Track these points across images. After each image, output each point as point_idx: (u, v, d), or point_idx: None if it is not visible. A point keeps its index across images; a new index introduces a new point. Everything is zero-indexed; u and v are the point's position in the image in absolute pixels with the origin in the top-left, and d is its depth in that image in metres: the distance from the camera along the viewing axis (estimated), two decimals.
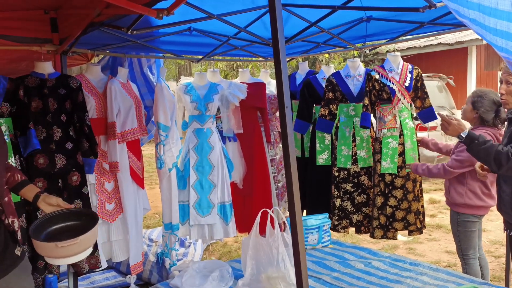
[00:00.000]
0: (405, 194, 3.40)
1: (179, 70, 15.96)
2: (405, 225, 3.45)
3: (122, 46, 3.23)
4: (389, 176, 3.41)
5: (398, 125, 3.38)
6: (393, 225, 3.45)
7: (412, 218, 3.42)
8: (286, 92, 1.52)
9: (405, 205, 3.42)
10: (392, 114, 3.39)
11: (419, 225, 3.46)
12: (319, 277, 2.61)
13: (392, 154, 3.39)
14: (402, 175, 3.39)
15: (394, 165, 3.37)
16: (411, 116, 3.43)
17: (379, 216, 3.46)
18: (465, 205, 2.89)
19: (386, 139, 3.40)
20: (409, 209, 3.41)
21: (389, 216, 3.44)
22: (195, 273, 2.57)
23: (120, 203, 3.03)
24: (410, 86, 3.39)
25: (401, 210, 3.42)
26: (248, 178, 3.74)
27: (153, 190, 7.15)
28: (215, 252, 4.64)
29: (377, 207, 3.46)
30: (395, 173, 3.37)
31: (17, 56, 2.95)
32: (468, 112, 2.88)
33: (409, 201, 3.41)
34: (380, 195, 3.44)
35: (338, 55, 10.80)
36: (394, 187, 3.40)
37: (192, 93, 3.47)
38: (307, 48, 3.97)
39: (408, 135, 3.38)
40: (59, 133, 2.69)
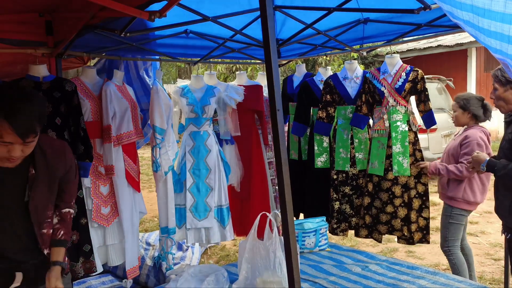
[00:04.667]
0: (391, 198, 3.34)
1: (179, 73, 15.96)
2: (389, 230, 3.39)
3: (118, 49, 3.21)
4: (376, 178, 3.40)
5: (387, 127, 3.35)
6: (377, 227, 3.42)
7: (397, 224, 3.33)
8: (278, 95, 1.51)
9: (390, 209, 3.35)
10: (380, 116, 3.39)
11: (406, 233, 3.30)
12: (316, 281, 2.58)
13: (380, 156, 3.37)
14: (389, 178, 3.33)
15: (381, 167, 3.35)
16: (406, 119, 3.32)
17: (364, 215, 3.47)
18: (462, 200, 3.10)
19: (375, 140, 3.42)
20: (395, 214, 3.33)
21: (374, 217, 3.43)
22: (190, 277, 2.55)
23: (116, 206, 3.01)
24: (401, 88, 3.31)
25: (385, 214, 3.37)
26: (246, 181, 3.72)
27: (152, 193, 7.12)
28: (213, 256, 4.61)
29: (363, 207, 3.47)
30: (381, 175, 3.35)
31: (12, 59, 2.94)
32: (461, 116, 3.18)
33: (395, 206, 3.33)
34: (367, 195, 3.45)
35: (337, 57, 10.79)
36: (380, 189, 3.38)
37: (189, 96, 3.46)
38: (304, 50, 3.96)
39: (398, 138, 3.30)
40: (53, 136, 2.67)
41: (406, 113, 3.33)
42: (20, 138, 1.47)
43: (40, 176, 1.67)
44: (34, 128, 1.49)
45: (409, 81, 3.31)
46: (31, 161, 1.64)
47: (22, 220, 1.67)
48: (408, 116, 3.33)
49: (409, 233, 3.29)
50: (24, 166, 1.64)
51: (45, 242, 1.74)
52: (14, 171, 1.62)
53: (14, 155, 1.51)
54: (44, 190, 1.69)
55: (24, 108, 1.47)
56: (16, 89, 1.54)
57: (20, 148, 1.51)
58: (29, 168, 1.65)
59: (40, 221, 1.71)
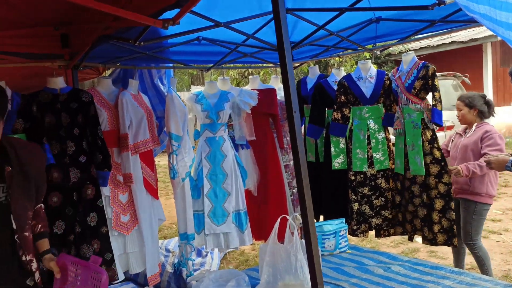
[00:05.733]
0: (411, 197, 3.36)
1: (192, 80, 16.08)
2: (413, 229, 3.39)
3: (132, 58, 3.25)
4: (400, 176, 3.46)
5: (403, 126, 3.37)
6: (405, 226, 3.46)
7: (418, 224, 3.32)
8: (294, 97, 1.50)
9: (411, 208, 3.37)
10: (397, 116, 3.43)
11: (427, 234, 3.24)
12: (337, 284, 2.56)
13: (400, 155, 3.41)
14: (408, 177, 3.37)
15: (402, 165, 3.40)
16: (420, 117, 3.26)
17: (397, 214, 3.52)
18: (486, 195, 3.17)
19: (396, 139, 3.48)
20: (415, 214, 3.33)
21: (403, 215, 3.48)
22: (211, 283, 2.55)
23: (135, 214, 3.03)
24: (411, 86, 3.29)
25: (408, 212, 3.42)
26: (263, 185, 3.71)
27: (169, 200, 7.17)
28: (233, 261, 4.61)
29: (393, 205, 3.52)
30: (402, 173, 3.40)
31: (30, 72, 3.00)
32: (467, 114, 3.28)
33: (415, 206, 3.32)
34: (397, 194, 3.52)
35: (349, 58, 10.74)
36: (404, 188, 3.43)
37: (203, 102, 3.48)
38: (316, 52, 3.95)
39: (412, 137, 3.27)
40: (72, 147, 2.71)
41: (420, 111, 3.28)
42: None
43: (15, 174, 1.64)
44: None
45: (419, 78, 3.26)
46: (5, 161, 1.63)
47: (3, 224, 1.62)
48: (423, 114, 3.28)
49: (431, 234, 3.23)
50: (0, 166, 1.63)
51: (27, 247, 1.67)
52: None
53: None
54: (21, 190, 1.67)
55: None
56: None
57: None
58: (4, 167, 1.63)
59: (22, 224, 1.66)
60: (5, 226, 1.63)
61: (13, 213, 1.62)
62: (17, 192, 1.64)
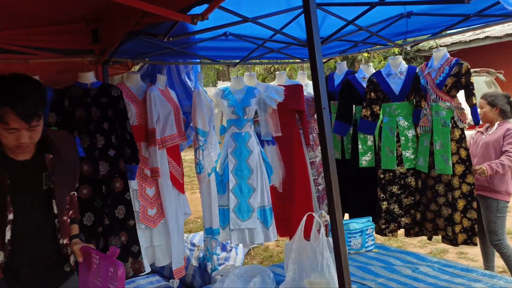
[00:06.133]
0: (434, 196, 3.28)
1: (218, 75, 16.16)
2: (434, 228, 3.32)
3: (160, 54, 3.28)
4: (423, 174, 3.38)
5: (430, 124, 3.28)
6: (424, 224, 3.39)
7: (441, 223, 3.25)
8: (323, 93, 1.48)
9: (434, 207, 3.30)
10: (424, 113, 3.34)
11: (450, 234, 3.18)
12: (364, 283, 2.52)
13: (425, 153, 3.32)
14: (432, 175, 3.29)
15: (425, 164, 3.32)
16: (450, 115, 3.18)
17: (415, 213, 3.45)
18: (505, 193, 3.18)
19: (421, 137, 3.39)
20: (438, 213, 3.26)
21: (422, 214, 3.40)
22: (236, 278, 2.55)
23: (161, 208, 3.07)
24: (442, 83, 3.19)
25: (430, 211, 3.35)
26: (288, 182, 3.69)
27: (194, 194, 7.24)
28: (257, 257, 4.61)
29: (413, 204, 3.45)
30: (426, 171, 3.32)
31: (61, 67, 3.07)
32: (489, 112, 3.29)
33: (438, 205, 3.25)
34: (416, 192, 3.44)
35: (378, 53, 10.55)
36: (426, 186, 3.35)
37: (230, 98, 3.48)
38: (344, 47, 3.88)
39: (440, 136, 3.20)
40: (102, 140, 2.76)
41: (451, 109, 3.20)
42: (25, 123, 1.51)
43: (56, 162, 1.70)
44: (37, 111, 1.54)
45: (451, 75, 3.17)
46: (45, 150, 1.69)
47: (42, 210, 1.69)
48: (453, 112, 3.19)
49: (453, 234, 3.19)
50: (40, 155, 1.69)
51: (65, 231, 1.75)
52: (32, 162, 1.67)
53: (23, 141, 1.55)
54: (61, 176, 1.73)
55: (24, 93, 1.52)
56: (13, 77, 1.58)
57: (27, 135, 1.55)
58: (45, 155, 1.69)
59: (62, 209, 1.73)
60: (48, 211, 1.70)
61: (55, 198, 1.70)
62: (58, 178, 1.71)
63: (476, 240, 3.19)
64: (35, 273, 1.69)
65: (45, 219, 1.70)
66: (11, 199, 1.60)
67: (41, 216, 1.69)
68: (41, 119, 1.58)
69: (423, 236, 3.50)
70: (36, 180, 1.68)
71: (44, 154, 1.69)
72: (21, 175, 1.65)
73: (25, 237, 1.66)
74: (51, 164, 1.69)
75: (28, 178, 1.67)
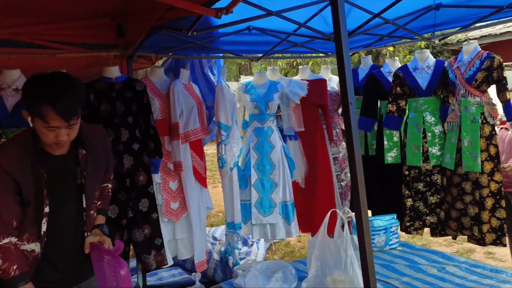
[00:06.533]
0: (460, 194, 3.18)
1: (240, 70, 16.15)
2: (459, 227, 3.22)
3: (184, 48, 3.28)
4: (448, 172, 3.27)
5: (458, 120, 3.16)
6: (448, 223, 3.28)
7: (467, 222, 3.14)
8: (350, 88, 1.44)
9: (460, 206, 3.20)
10: (452, 108, 3.23)
11: (476, 234, 3.09)
12: (388, 282, 2.47)
13: (452, 149, 3.21)
14: (459, 173, 3.18)
15: (452, 161, 3.22)
16: (480, 111, 3.08)
17: (439, 211, 3.35)
18: None
19: (449, 133, 3.28)
20: (464, 212, 3.16)
21: (446, 212, 3.29)
22: (258, 273, 2.55)
23: (184, 202, 3.09)
24: (472, 77, 3.09)
25: (455, 210, 3.24)
26: (310, 177, 3.66)
27: (216, 188, 7.28)
28: (278, 252, 4.60)
29: (438, 202, 3.35)
30: (452, 169, 3.21)
31: (87, 62, 3.11)
32: None
33: (464, 203, 3.15)
34: (441, 190, 3.34)
35: (403, 47, 10.33)
36: (452, 184, 3.25)
37: (252, 92, 3.46)
38: (370, 41, 3.80)
39: (468, 132, 3.09)
40: (126, 134, 2.79)
41: (480, 105, 3.09)
42: (65, 121, 1.54)
43: (89, 157, 1.74)
44: (76, 110, 1.56)
45: (482, 69, 3.06)
46: (79, 145, 1.72)
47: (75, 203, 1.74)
48: (483, 108, 3.09)
49: (480, 234, 3.08)
50: (74, 150, 1.72)
51: (90, 224, 1.79)
52: (67, 157, 1.71)
53: (62, 139, 1.58)
54: (93, 170, 1.76)
55: (65, 92, 1.54)
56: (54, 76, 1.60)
57: (66, 132, 1.58)
58: (79, 150, 1.72)
59: (90, 202, 1.77)
60: (81, 205, 1.75)
61: (85, 193, 1.74)
62: (90, 173, 1.75)
63: (506, 241, 3.06)
64: (71, 264, 1.75)
65: (78, 213, 1.75)
66: (47, 193, 1.64)
67: (75, 209, 1.74)
68: (79, 117, 1.61)
69: (448, 236, 3.41)
70: (72, 175, 1.72)
71: (78, 149, 1.73)
72: (57, 169, 1.69)
73: (60, 229, 1.71)
74: (84, 160, 1.73)
75: (64, 173, 1.71)
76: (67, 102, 1.53)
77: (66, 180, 1.72)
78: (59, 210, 1.69)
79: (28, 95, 1.56)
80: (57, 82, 1.56)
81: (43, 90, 1.53)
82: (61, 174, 1.70)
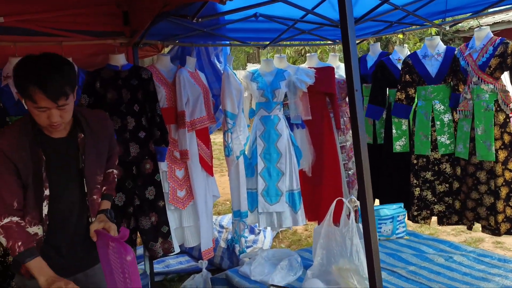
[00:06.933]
0: (475, 184, 3.13)
1: (248, 58, 16.08)
2: (476, 217, 3.17)
3: (190, 36, 3.26)
4: (463, 161, 3.22)
5: (471, 108, 3.10)
6: (465, 213, 3.24)
7: (482, 212, 3.10)
8: (356, 74, 1.41)
9: (475, 196, 3.14)
10: (464, 96, 3.16)
11: (493, 224, 3.04)
12: (394, 270, 2.46)
13: (465, 138, 3.16)
14: (473, 162, 3.13)
15: (465, 150, 3.16)
16: (494, 98, 3.02)
17: (454, 201, 3.30)
18: None
19: (461, 122, 3.21)
20: (480, 202, 3.11)
21: (462, 203, 3.24)
22: (264, 261, 2.56)
23: (191, 190, 3.09)
24: (485, 64, 3.02)
25: (471, 200, 3.18)
26: (318, 166, 3.64)
27: (224, 177, 7.29)
28: (285, 240, 4.61)
29: (453, 192, 3.29)
30: (466, 158, 3.16)
31: (93, 50, 3.11)
32: None
33: (480, 193, 3.10)
34: (455, 180, 3.28)
35: (413, 35, 10.17)
36: (467, 174, 3.19)
37: (259, 80, 3.43)
38: (378, 28, 3.73)
39: (482, 120, 3.03)
40: (132, 122, 2.79)
41: (494, 92, 3.03)
42: (52, 102, 1.53)
43: (88, 141, 1.73)
44: (64, 90, 1.54)
45: (495, 56, 2.99)
46: (78, 129, 1.72)
47: (77, 188, 1.73)
48: (497, 95, 3.03)
49: (495, 224, 3.04)
50: (74, 134, 1.72)
51: (93, 210, 1.77)
52: (67, 140, 1.70)
53: (54, 120, 1.57)
54: (93, 155, 1.75)
55: (52, 73, 1.53)
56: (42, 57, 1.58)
57: (58, 113, 1.57)
58: (78, 134, 1.72)
59: (91, 187, 1.76)
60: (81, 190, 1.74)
61: (85, 178, 1.73)
62: (89, 158, 1.74)
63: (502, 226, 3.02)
64: (75, 250, 1.74)
65: (80, 198, 1.74)
66: (47, 175, 1.64)
67: (76, 194, 1.73)
68: (69, 98, 1.59)
69: (456, 225, 3.38)
70: (72, 159, 1.71)
71: (77, 133, 1.72)
72: (57, 152, 1.68)
73: (62, 214, 1.70)
74: (82, 143, 1.72)
75: (64, 156, 1.70)
76: (54, 82, 1.52)
77: (67, 164, 1.71)
78: (60, 194, 1.69)
79: (16, 77, 1.56)
80: (44, 63, 1.55)
81: (30, 71, 1.52)
82: (61, 158, 1.70)
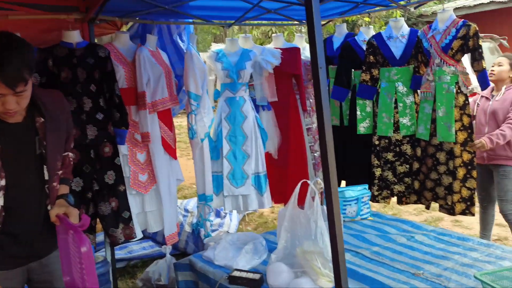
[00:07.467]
0: (435, 165, 3.21)
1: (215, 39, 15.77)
2: (434, 197, 3.27)
3: (151, 13, 3.11)
4: (423, 142, 3.28)
5: (433, 90, 3.14)
6: (423, 193, 3.33)
7: (441, 192, 3.19)
8: (320, 51, 1.36)
9: (434, 176, 3.23)
10: (426, 78, 3.20)
11: (449, 203, 3.14)
12: (358, 251, 2.48)
13: (426, 120, 3.21)
14: (434, 143, 3.20)
15: (427, 131, 3.22)
16: (455, 80, 3.06)
17: (413, 181, 3.38)
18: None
19: (422, 103, 3.27)
20: (439, 182, 3.20)
21: (421, 183, 3.32)
22: (228, 246, 2.51)
23: (153, 174, 2.99)
24: (448, 46, 3.05)
25: (430, 180, 3.27)
26: (284, 148, 3.61)
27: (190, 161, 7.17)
28: (251, 223, 4.60)
29: (412, 172, 3.37)
30: (427, 139, 3.23)
31: (46, 26, 2.90)
32: (506, 72, 3.19)
33: (439, 173, 3.19)
34: (415, 160, 3.35)
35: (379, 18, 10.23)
36: (427, 155, 3.27)
37: (224, 60, 3.34)
38: (345, 9, 3.70)
39: (443, 102, 3.08)
40: (89, 103, 2.65)
41: (455, 74, 3.07)
42: (10, 89, 1.41)
43: (48, 125, 1.62)
44: (23, 76, 1.42)
45: (458, 37, 3.02)
46: (36, 112, 1.61)
47: (36, 175, 1.63)
48: (457, 77, 3.07)
49: (452, 203, 3.14)
50: (31, 117, 1.61)
51: (52, 197, 1.68)
52: (24, 125, 1.59)
53: (9, 107, 1.46)
54: (53, 139, 1.65)
55: (10, 56, 1.40)
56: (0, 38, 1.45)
57: (14, 100, 1.45)
58: (36, 118, 1.61)
59: (52, 174, 1.66)
60: (41, 177, 1.64)
61: (47, 164, 1.63)
62: (50, 143, 1.63)
63: (474, 210, 3.13)
64: (32, 238, 1.65)
65: (39, 185, 1.64)
66: (3, 164, 1.52)
67: (35, 181, 1.63)
68: (28, 84, 1.46)
69: (415, 204, 3.46)
70: (29, 144, 1.60)
71: (35, 117, 1.60)
72: (12, 139, 1.56)
73: (20, 203, 1.60)
74: (42, 128, 1.60)
75: (20, 142, 1.59)
76: (11, 67, 1.39)
77: (24, 150, 1.60)
78: (18, 183, 1.58)
79: None
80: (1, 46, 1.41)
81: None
82: (17, 144, 1.58)
